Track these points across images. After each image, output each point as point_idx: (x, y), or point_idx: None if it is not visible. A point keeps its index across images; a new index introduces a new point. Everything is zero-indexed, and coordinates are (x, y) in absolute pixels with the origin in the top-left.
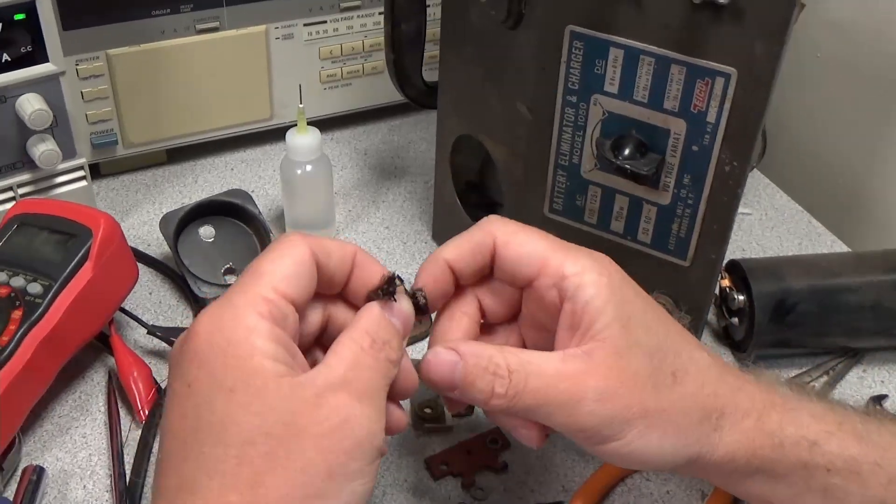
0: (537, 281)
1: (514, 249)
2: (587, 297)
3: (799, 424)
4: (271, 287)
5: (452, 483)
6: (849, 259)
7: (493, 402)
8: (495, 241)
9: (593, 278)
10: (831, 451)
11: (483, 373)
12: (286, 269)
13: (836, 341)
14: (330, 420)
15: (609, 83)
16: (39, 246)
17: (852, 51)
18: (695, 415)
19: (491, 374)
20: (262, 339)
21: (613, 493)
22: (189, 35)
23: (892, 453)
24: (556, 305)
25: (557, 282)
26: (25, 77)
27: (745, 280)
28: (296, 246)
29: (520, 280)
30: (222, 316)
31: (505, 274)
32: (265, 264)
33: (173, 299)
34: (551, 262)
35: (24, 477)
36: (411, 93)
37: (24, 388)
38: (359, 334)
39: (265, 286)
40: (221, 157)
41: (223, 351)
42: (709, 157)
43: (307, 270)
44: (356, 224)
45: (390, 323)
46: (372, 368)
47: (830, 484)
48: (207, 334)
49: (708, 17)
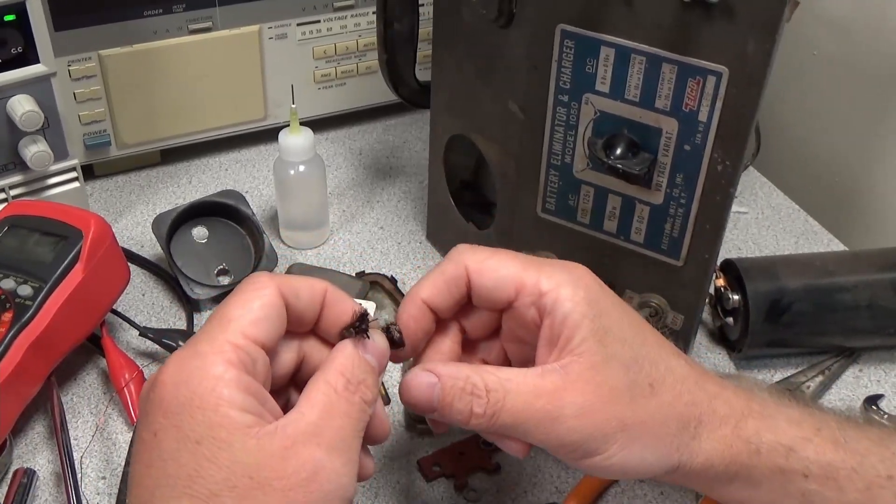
0: (516, 302)
1: (488, 276)
2: (564, 311)
3: (776, 431)
4: (239, 332)
5: (445, 484)
6: (844, 258)
7: (473, 421)
8: (468, 271)
9: (569, 293)
10: (808, 458)
11: (461, 393)
12: (254, 313)
13: (832, 341)
14: (298, 473)
15: (600, 82)
16: (30, 248)
17: (848, 48)
18: (673, 425)
19: (469, 395)
20: (229, 388)
21: (607, 493)
22: (182, 35)
23: (871, 459)
24: (536, 323)
25: (535, 300)
26: (16, 78)
27: (740, 279)
28: (263, 288)
29: (499, 304)
30: (189, 365)
31: (483, 301)
32: (233, 309)
33: (166, 301)
34: (527, 282)
35: (14, 479)
36: (404, 92)
37: (14, 390)
38: (332, 375)
39: (233, 332)
40: (215, 157)
41: (189, 402)
42: (701, 156)
43: (276, 312)
44: (350, 224)
45: (365, 361)
46: (345, 415)
47: (807, 490)
48: (174, 384)
49: (699, 15)
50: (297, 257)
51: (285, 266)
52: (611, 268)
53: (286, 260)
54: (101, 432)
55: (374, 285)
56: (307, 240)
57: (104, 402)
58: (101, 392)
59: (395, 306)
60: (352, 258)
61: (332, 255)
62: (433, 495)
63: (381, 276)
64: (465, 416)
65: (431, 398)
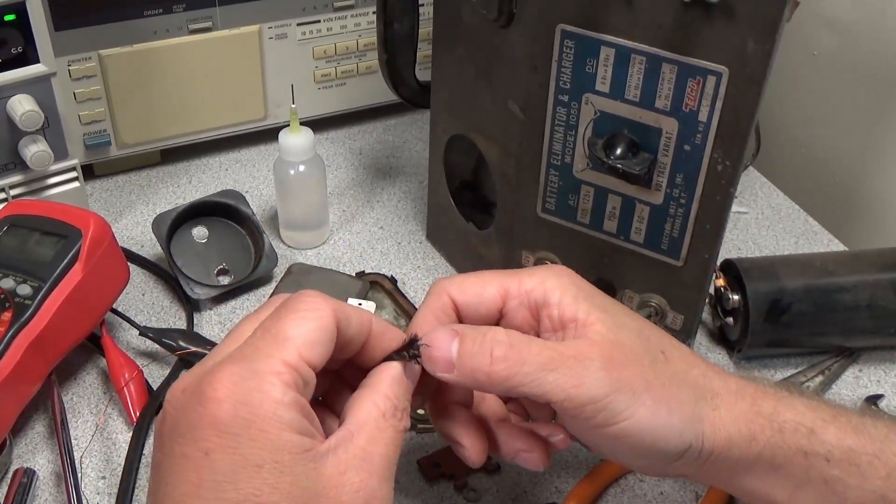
0: (505, 307)
1: (470, 293)
2: (557, 297)
3: (795, 411)
4: (296, 352)
5: (445, 484)
6: (844, 258)
7: (495, 367)
8: (451, 297)
9: (554, 282)
10: (829, 441)
11: (482, 340)
12: (311, 335)
13: (832, 341)
14: (353, 501)
15: (600, 82)
16: (30, 247)
17: (848, 48)
18: (691, 392)
19: (489, 341)
20: (289, 412)
21: (607, 493)
22: (182, 35)
23: (889, 447)
24: (531, 323)
25: (523, 300)
26: (16, 78)
27: (740, 279)
28: (319, 309)
29: (491, 315)
30: (246, 385)
31: (472, 319)
32: (290, 327)
33: (166, 300)
34: (510, 286)
35: (14, 479)
36: (405, 92)
37: (14, 390)
38: (381, 399)
39: (290, 351)
40: (215, 157)
41: (250, 423)
42: (701, 156)
43: (329, 337)
44: (350, 224)
45: (408, 388)
46: (391, 442)
47: (830, 476)
48: (231, 404)
49: (699, 15)
50: (297, 257)
51: (285, 266)
52: (611, 268)
53: (286, 260)
54: (101, 432)
55: (374, 285)
56: (307, 240)
57: (104, 401)
58: (101, 392)
59: (395, 306)
60: (352, 258)
61: (332, 255)
62: (433, 495)
63: (381, 276)
64: (486, 363)
65: (451, 351)
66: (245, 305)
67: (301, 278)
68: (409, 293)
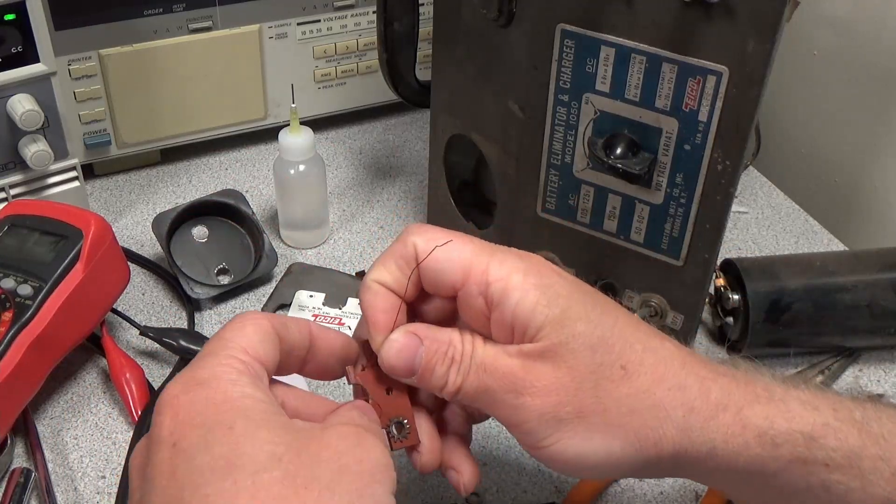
0: (462, 290)
1: (435, 259)
2: (514, 301)
3: (790, 417)
4: (240, 348)
5: (446, 484)
6: (844, 258)
7: (446, 389)
8: (417, 251)
9: (519, 280)
10: (829, 446)
11: (443, 358)
12: (250, 335)
13: (832, 341)
14: (344, 442)
15: (600, 82)
16: (30, 247)
17: (849, 48)
18: (648, 414)
19: (449, 360)
20: (249, 387)
21: (606, 494)
22: (182, 35)
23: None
24: (484, 314)
25: (483, 290)
26: (16, 77)
27: (740, 279)
28: (255, 316)
29: (444, 289)
30: (197, 377)
31: (430, 285)
32: (227, 333)
33: (166, 300)
34: (475, 269)
35: (11, 479)
36: (405, 92)
37: (14, 389)
38: None
39: (234, 348)
40: (215, 156)
41: (208, 400)
42: (701, 155)
43: (269, 336)
44: (350, 224)
45: None
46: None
47: (830, 481)
48: (188, 399)
49: (699, 15)
50: (297, 257)
51: (285, 266)
52: (611, 268)
53: (286, 259)
54: (101, 432)
55: None
56: (307, 239)
57: (104, 401)
58: (101, 391)
59: None
60: (352, 258)
61: (332, 255)
62: (433, 495)
63: None
64: (441, 382)
65: (415, 361)
66: (245, 305)
67: (301, 278)
68: None
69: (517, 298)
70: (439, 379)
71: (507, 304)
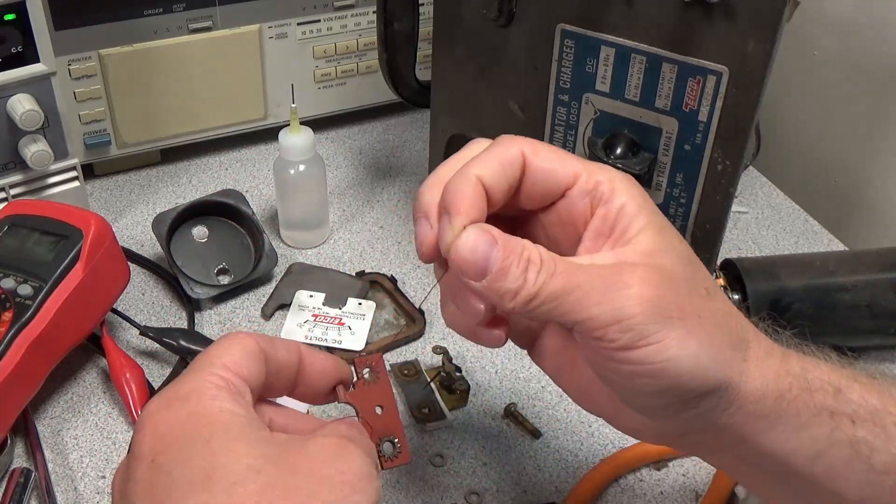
0: (570, 191)
1: (545, 160)
2: (621, 202)
3: (821, 370)
4: (222, 365)
5: (446, 485)
6: (844, 258)
7: (523, 291)
8: (524, 154)
9: (626, 185)
10: (854, 400)
11: (518, 258)
12: (234, 353)
13: (832, 341)
14: (325, 452)
15: (600, 82)
16: (30, 247)
17: (849, 49)
18: (726, 335)
19: (525, 260)
20: (230, 401)
21: (607, 493)
22: (182, 35)
23: None
24: (585, 217)
25: (591, 189)
26: (16, 77)
27: (740, 279)
28: (240, 336)
29: (550, 192)
30: (178, 394)
31: (534, 188)
32: (212, 351)
33: (166, 300)
34: (582, 171)
35: (11, 479)
36: (405, 92)
37: (14, 389)
38: None
39: (217, 366)
40: (215, 156)
41: (188, 415)
42: (701, 155)
43: (253, 354)
44: (350, 224)
45: None
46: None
47: (856, 438)
48: (166, 410)
49: (699, 15)
50: (297, 257)
51: (285, 266)
52: None
53: (286, 259)
54: (101, 432)
55: (374, 285)
56: (307, 239)
57: (104, 401)
58: (101, 391)
59: (395, 306)
60: (352, 258)
61: (332, 255)
62: (434, 495)
63: (381, 275)
64: (517, 285)
65: (489, 260)
66: (245, 305)
67: (301, 278)
68: (409, 293)
69: (624, 200)
70: (515, 280)
71: (615, 202)
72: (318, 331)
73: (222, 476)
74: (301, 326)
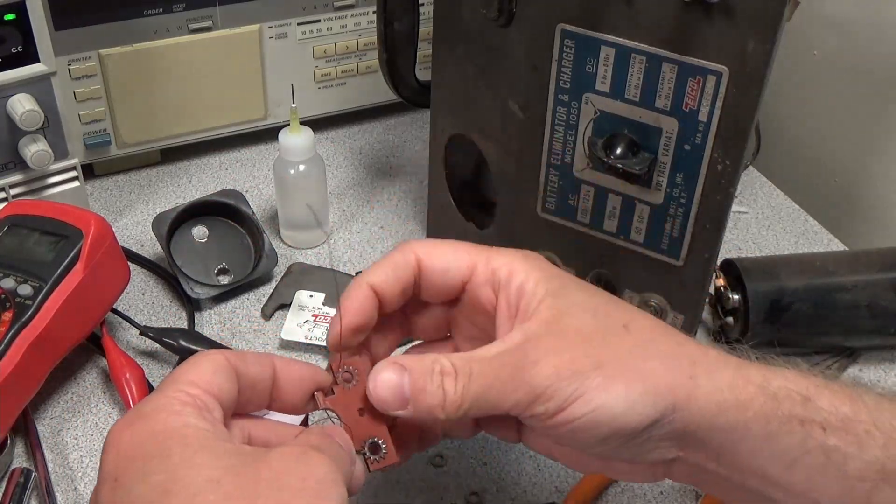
0: (469, 283)
1: (438, 260)
2: (519, 281)
3: (786, 379)
4: (189, 382)
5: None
6: (844, 258)
7: (448, 402)
8: (417, 257)
9: (521, 265)
10: (824, 408)
11: (431, 375)
12: (203, 371)
13: (832, 341)
14: (285, 461)
15: (600, 82)
16: (30, 247)
17: (848, 49)
18: (658, 363)
19: (439, 374)
20: (193, 417)
21: (606, 493)
22: (182, 35)
23: (883, 415)
24: (491, 303)
25: (489, 277)
26: (16, 77)
27: (740, 279)
28: (209, 353)
29: (450, 288)
30: (141, 411)
31: (433, 287)
32: (179, 369)
33: (166, 300)
34: (479, 262)
35: (11, 479)
36: (405, 92)
37: (14, 390)
38: None
39: (182, 382)
40: (216, 156)
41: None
42: (701, 155)
43: (222, 370)
44: (350, 224)
45: None
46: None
47: (827, 445)
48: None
49: (699, 15)
50: (297, 257)
51: (285, 266)
52: (611, 267)
53: (286, 260)
54: (101, 432)
55: None
56: (307, 239)
57: (104, 401)
58: (101, 391)
59: None
60: (352, 258)
61: (333, 255)
62: (434, 495)
63: None
64: (439, 399)
65: (403, 388)
66: (245, 305)
67: (301, 278)
68: None
69: (521, 278)
70: (434, 395)
71: (513, 284)
72: (318, 331)
73: (181, 489)
74: (301, 326)
